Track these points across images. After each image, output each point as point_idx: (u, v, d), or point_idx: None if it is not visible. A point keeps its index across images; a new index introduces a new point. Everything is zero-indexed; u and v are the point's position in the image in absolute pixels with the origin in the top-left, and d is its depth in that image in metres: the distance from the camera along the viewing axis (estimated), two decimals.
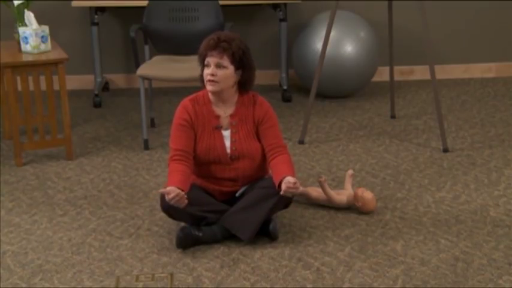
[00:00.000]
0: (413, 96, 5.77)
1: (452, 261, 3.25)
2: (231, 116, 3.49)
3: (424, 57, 6.19)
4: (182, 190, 3.27)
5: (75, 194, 4.04)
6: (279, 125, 3.54)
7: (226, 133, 3.49)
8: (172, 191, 3.22)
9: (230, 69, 3.39)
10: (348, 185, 3.82)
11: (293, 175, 3.34)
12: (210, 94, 3.48)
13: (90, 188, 4.12)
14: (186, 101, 3.51)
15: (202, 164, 3.50)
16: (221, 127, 3.48)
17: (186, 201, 3.26)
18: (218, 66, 3.37)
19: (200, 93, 3.52)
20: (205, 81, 3.42)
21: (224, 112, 3.49)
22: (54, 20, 5.90)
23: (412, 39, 6.16)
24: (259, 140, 3.52)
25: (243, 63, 3.41)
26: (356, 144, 4.72)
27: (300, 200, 3.87)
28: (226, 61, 3.37)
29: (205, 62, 3.40)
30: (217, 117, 3.48)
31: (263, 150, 3.51)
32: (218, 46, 3.36)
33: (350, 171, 3.85)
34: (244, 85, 3.48)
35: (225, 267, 3.23)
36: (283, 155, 3.45)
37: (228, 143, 3.48)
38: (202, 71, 3.45)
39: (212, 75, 3.37)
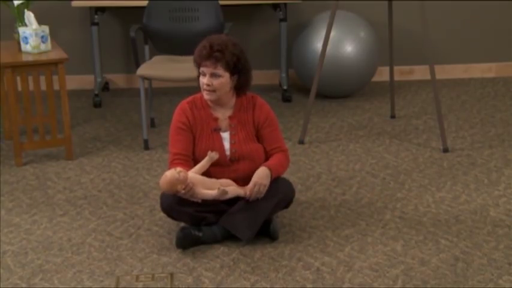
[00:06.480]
0: (413, 96, 5.77)
1: (452, 261, 3.25)
2: (230, 118, 3.47)
3: (424, 57, 6.19)
4: None
5: (75, 194, 4.04)
6: (279, 127, 3.53)
7: (225, 135, 3.48)
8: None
9: (225, 77, 3.37)
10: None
11: (273, 167, 3.40)
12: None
13: (90, 188, 4.12)
14: (184, 104, 3.50)
15: None
16: (220, 129, 3.47)
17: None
18: (213, 75, 3.35)
19: (198, 95, 3.51)
20: (201, 89, 3.41)
21: (222, 114, 3.48)
22: (54, 20, 5.89)
23: (412, 39, 6.15)
24: (259, 141, 3.51)
25: (238, 69, 3.38)
26: (356, 144, 4.72)
27: (300, 199, 3.87)
28: (220, 70, 3.35)
29: (200, 71, 3.40)
30: (216, 119, 3.47)
31: (264, 151, 3.51)
32: (211, 56, 3.33)
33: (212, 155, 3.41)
34: (240, 88, 3.46)
35: (225, 267, 3.23)
36: (278, 153, 3.48)
37: (227, 145, 3.47)
38: (198, 76, 3.45)
39: (208, 85, 3.37)
